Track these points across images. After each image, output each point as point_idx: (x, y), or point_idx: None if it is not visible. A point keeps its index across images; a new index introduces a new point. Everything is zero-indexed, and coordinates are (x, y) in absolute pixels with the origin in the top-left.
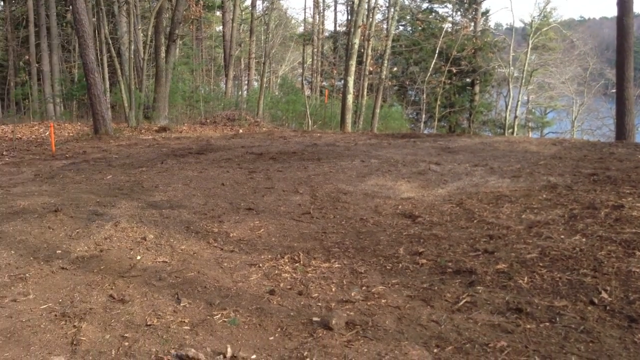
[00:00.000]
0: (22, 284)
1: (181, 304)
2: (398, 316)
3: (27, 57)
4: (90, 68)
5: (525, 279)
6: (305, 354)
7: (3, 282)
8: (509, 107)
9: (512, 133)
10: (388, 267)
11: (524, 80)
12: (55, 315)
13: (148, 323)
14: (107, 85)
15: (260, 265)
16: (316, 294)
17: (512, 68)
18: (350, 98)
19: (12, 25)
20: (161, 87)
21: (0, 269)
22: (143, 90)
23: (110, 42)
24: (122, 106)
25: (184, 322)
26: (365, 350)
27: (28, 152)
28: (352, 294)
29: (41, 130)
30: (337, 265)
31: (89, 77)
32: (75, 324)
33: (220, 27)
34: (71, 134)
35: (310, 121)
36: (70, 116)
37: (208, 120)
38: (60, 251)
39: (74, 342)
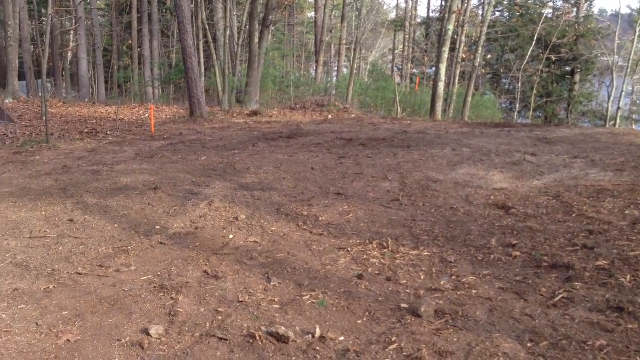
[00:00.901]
0: (124, 256)
1: (271, 283)
2: (489, 308)
3: (129, 42)
4: (188, 53)
5: (628, 277)
6: (394, 339)
7: (108, 253)
8: (611, 98)
9: (614, 125)
10: (479, 258)
11: (629, 70)
12: (155, 287)
13: (240, 299)
14: (202, 70)
15: (349, 249)
16: (404, 281)
17: (616, 57)
18: (441, 86)
19: (117, 11)
20: (254, 72)
21: (105, 241)
22: (236, 75)
23: (207, 27)
24: (216, 90)
25: (274, 300)
26: (455, 339)
27: (129, 133)
28: (442, 283)
29: (141, 112)
30: (426, 253)
31: (186, 61)
32: (172, 296)
33: (313, 13)
34: (168, 116)
35: (399, 108)
36: (167, 99)
37: (298, 106)
38: (159, 227)
39: (172, 313)
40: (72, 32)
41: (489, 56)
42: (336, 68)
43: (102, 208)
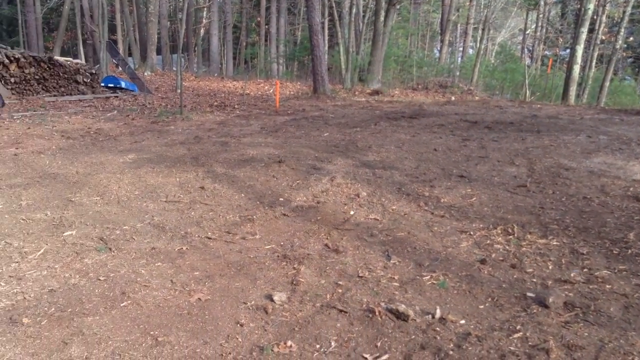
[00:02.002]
0: (250, 224)
1: (391, 261)
2: (624, 304)
3: (258, 19)
4: (315, 30)
5: None
6: (518, 327)
7: (235, 221)
8: None
9: None
10: (615, 252)
11: None
12: (278, 256)
13: (360, 274)
14: (326, 48)
15: (471, 233)
16: (531, 270)
17: None
18: (576, 69)
19: None
20: (377, 50)
21: (232, 209)
22: (359, 53)
23: (333, 5)
24: (339, 68)
25: (394, 278)
26: (586, 334)
27: (255, 107)
28: (572, 275)
29: (266, 87)
30: (555, 243)
31: (312, 38)
32: (294, 266)
33: None
34: (292, 92)
35: (528, 92)
36: (291, 76)
37: (420, 86)
38: (282, 199)
39: (294, 282)
40: (205, 9)
41: (630, 38)
42: (461, 48)
43: (230, 178)
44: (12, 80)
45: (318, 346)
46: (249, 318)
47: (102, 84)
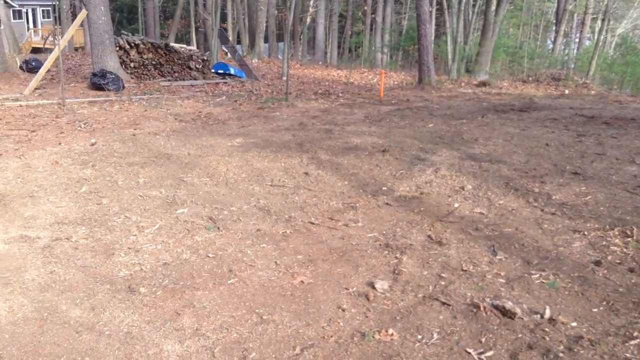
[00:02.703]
0: (352, 212)
1: (497, 257)
2: None
3: (364, 8)
4: (422, 19)
5: None
6: (635, 334)
7: (337, 207)
8: None
9: None
10: None
11: None
12: (380, 245)
13: (464, 268)
14: (432, 38)
15: (585, 233)
16: None
17: None
18: None
19: None
20: (486, 41)
21: (335, 196)
22: (468, 43)
23: None
24: (444, 58)
25: (500, 274)
26: None
27: (359, 96)
28: None
29: (370, 76)
30: None
31: (420, 27)
32: (396, 255)
33: None
34: (396, 82)
35: None
36: (395, 65)
37: (530, 78)
38: (385, 188)
39: (396, 272)
40: None
41: None
42: (577, 40)
43: (334, 165)
44: (132, 65)
45: (420, 337)
46: (350, 303)
47: (213, 70)
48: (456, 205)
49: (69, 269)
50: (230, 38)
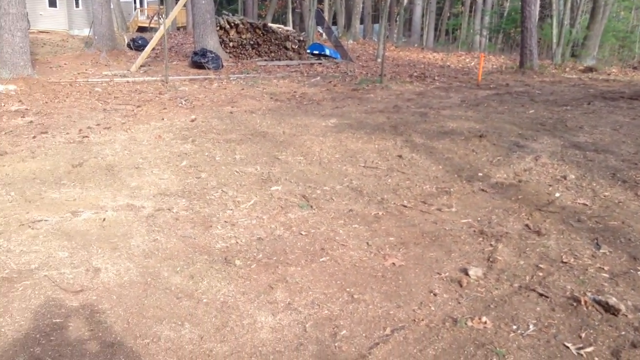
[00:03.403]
0: (446, 196)
1: (600, 250)
2: None
3: None
4: (528, 0)
5: None
6: None
7: (431, 191)
8: None
9: None
10: None
11: None
12: (474, 231)
13: (564, 260)
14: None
15: None
16: None
17: None
18: None
19: None
20: (595, 24)
21: (429, 180)
22: (575, 26)
23: None
24: (547, 42)
25: (603, 269)
26: None
27: (455, 79)
28: None
29: (467, 60)
30: None
31: (525, 9)
32: (491, 243)
33: None
34: (495, 66)
35: None
36: (494, 49)
37: None
38: (481, 174)
39: (490, 259)
40: None
41: None
42: None
43: (428, 149)
44: (231, 44)
45: (515, 327)
46: (442, 289)
47: (308, 51)
48: (557, 195)
49: (170, 238)
50: (326, 19)
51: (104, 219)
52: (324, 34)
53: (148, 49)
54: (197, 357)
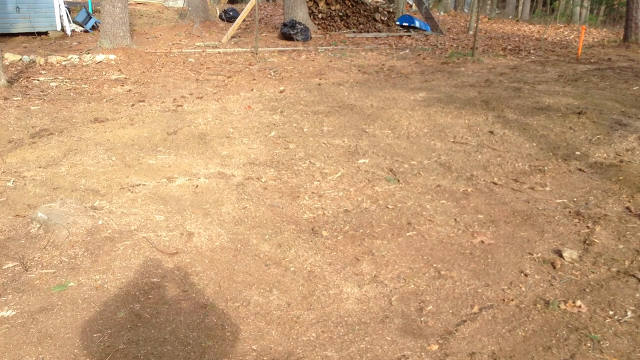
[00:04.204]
0: (539, 175)
1: None
2: None
3: None
4: None
5: None
6: None
7: (523, 169)
8: None
9: None
10: None
11: None
12: (569, 212)
13: None
14: None
15: None
16: None
17: None
18: None
19: None
20: None
21: (521, 157)
22: None
23: None
24: None
25: None
26: None
27: (553, 53)
28: None
29: (566, 33)
30: None
31: None
32: (588, 225)
33: None
34: (596, 40)
35: None
36: (595, 21)
37: None
38: (578, 152)
39: (586, 242)
40: None
41: None
42: None
43: (521, 125)
44: (320, 16)
45: (611, 312)
46: (534, 269)
47: (397, 23)
48: None
49: (259, 206)
50: None
51: (197, 186)
52: (413, 5)
53: (239, 20)
54: (285, 322)
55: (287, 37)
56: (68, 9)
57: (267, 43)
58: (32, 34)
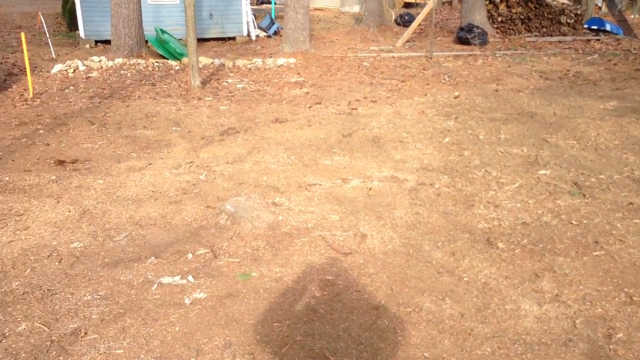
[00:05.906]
0: None
1: None
2: None
3: None
4: None
5: None
6: None
7: None
8: None
9: None
10: None
11: None
12: None
13: None
14: None
15: None
16: None
17: None
18: None
19: None
20: None
21: None
22: None
23: None
24: None
25: None
26: None
27: None
28: None
29: None
30: None
31: None
32: None
33: None
34: None
35: None
36: None
37: None
38: None
39: None
40: None
41: None
42: None
43: None
44: (499, 19)
45: None
46: None
47: (585, 26)
48: None
49: (432, 213)
50: None
51: (370, 188)
52: (602, 7)
53: (414, 24)
54: (458, 333)
55: (463, 41)
56: (254, 15)
57: (441, 47)
58: (222, 39)
